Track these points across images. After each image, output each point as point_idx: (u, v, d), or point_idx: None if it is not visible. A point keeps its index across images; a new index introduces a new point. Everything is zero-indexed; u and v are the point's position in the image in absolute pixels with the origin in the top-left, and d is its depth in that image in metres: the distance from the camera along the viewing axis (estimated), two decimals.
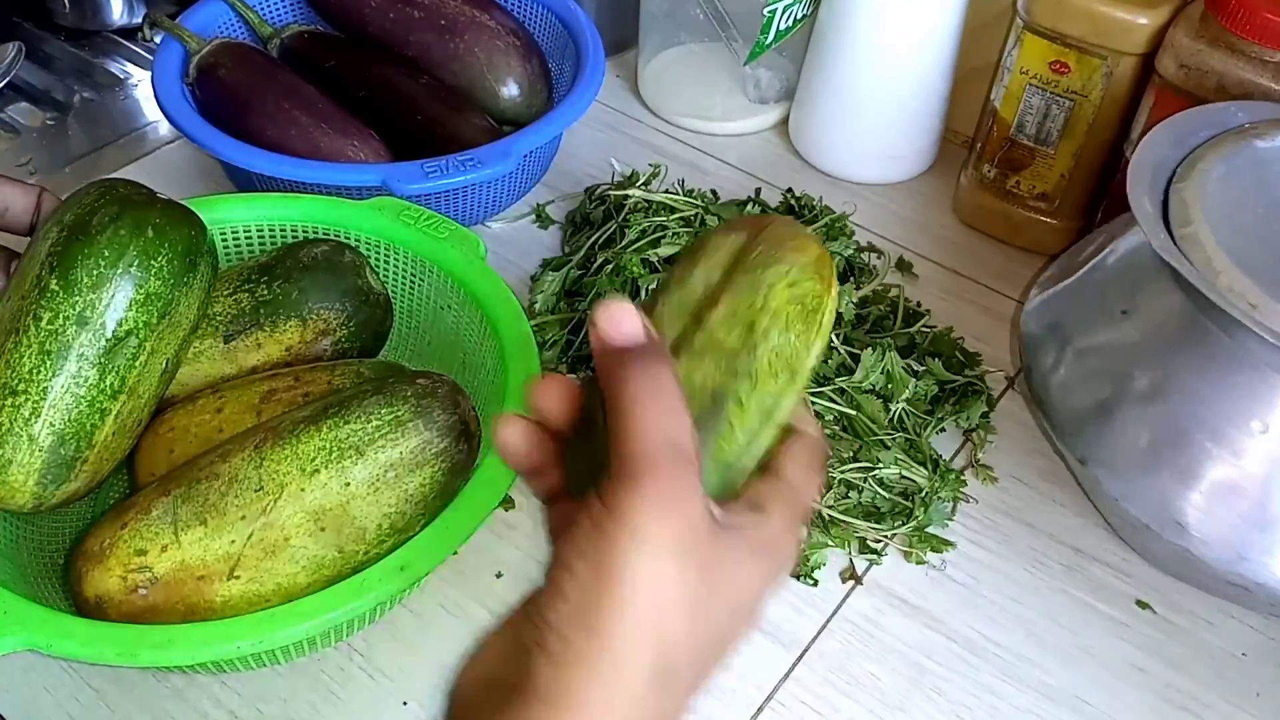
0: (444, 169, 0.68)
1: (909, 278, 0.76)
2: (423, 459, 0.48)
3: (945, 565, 0.60)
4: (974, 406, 0.65)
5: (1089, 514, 0.63)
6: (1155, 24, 0.66)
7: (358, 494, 0.47)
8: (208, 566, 0.47)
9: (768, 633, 0.57)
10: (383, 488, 0.47)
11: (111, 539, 0.48)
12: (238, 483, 0.47)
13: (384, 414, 0.48)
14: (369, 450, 0.47)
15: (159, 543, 0.48)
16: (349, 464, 0.47)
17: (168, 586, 0.47)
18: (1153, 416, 0.53)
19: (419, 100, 0.76)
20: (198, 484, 0.48)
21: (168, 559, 0.47)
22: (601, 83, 0.77)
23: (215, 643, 0.44)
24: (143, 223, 0.50)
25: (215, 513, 0.47)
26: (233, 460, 0.49)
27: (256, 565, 0.47)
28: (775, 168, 0.85)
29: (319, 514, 0.47)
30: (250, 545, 0.47)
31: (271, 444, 0.48)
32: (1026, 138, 0.74)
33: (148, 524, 0.48)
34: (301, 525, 0.47)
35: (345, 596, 0.46)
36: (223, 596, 0.47)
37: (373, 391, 0.49)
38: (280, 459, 0.48)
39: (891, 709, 0.54)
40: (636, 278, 0.68)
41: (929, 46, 0.77)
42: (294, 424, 0.49)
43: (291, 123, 0.72)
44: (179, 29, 0.76)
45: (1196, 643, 0.57)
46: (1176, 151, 0.57)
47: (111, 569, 0.48)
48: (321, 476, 0.47)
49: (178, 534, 0.47)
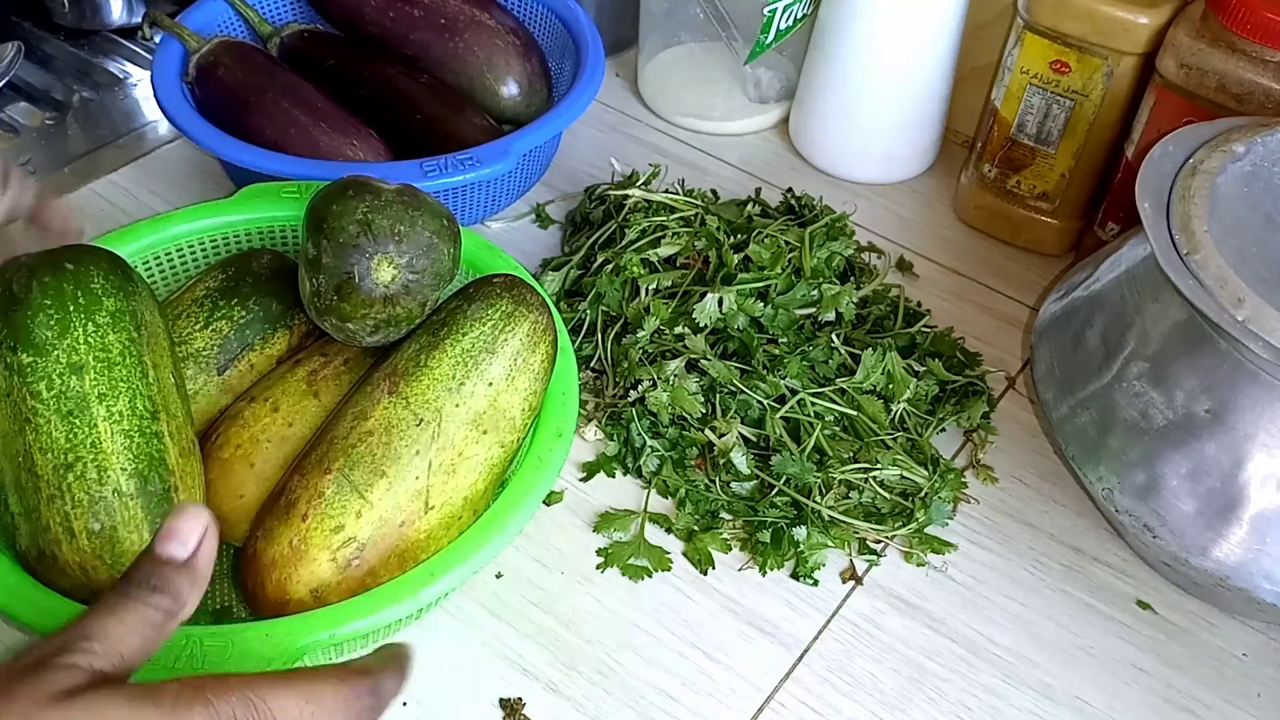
0: (443, 168, 0.68)
1: (909, 278, 0.76)
2: (536, 337, 0.53)
3: (946, 566, 0.60)
4: (975, 407, 0.65)
5: (1089, 514, 0.62)
6: (1156, 24, 0.65)
7: (500, 389, 0.52)
8: (404, 509, 0.50)
9: (768, 633, 0.57)
10: (516, 375, 0.53)
11: (300, 535, 0.49)
12: (395, 427, 0.50)
13: (493, 313, 0.53)
14: (498, 347, 0.52)
15: (351, 511, 0.49)
16: (486, 365, 0.52)
17: (376, 546, 0.49)
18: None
19: (418, 99, 0.76)
20: (354, 449, 0.50)
21: (367, 521, 0.49)
22: (601, 82, 0.76)
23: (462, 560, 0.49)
24: (56, 262, 0.49)
25: (390, 460, 0.50)
26: (375, 414, 0.51)
27: (444, 489, 0.51)
28: (775, 168, 0.85)
29: (478, 419, 0.51)
30: (434, 474, 0.50)
31: (405, 382, 0.52)
32: (1027, 137, 0.74)
33: (328, 503, 0.49)
34: (468, 436, 0.51)
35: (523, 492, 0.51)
36: (425, 531, 0.50)
37: (466, 302, 0.53)
38: (423, 389, 0.51)
39: (891, 709, 0.54)
40: (636, 278, 0.68)
41: (929, 46, 0.77)
42: (412, 359, 0.52)
43: (291, 122, 0.72)
44: (179, 27, 0.76)
45: (1197, 643, 0.57)
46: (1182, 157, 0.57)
47: (316, 558, 0.49)
48: (469, 386, 0.51)
49: (364, 496, 0.49)
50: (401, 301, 0.52)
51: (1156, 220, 0.54)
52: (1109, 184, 0.73)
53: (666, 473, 0.62)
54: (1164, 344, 0.54)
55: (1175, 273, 0.51)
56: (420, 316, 0.54)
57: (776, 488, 0.60)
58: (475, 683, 0.54)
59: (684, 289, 0.68)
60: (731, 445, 0.61)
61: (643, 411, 0.63)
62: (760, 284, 0.67)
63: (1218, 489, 0.52)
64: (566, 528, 0.61)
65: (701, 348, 0.64)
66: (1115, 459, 0.55)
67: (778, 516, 0.59)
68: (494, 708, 0.53)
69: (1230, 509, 0.52)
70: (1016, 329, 0.73)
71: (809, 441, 0.61)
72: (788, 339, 0.66)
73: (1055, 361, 0.60)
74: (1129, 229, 0.65)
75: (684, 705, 0.54)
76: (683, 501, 0.61)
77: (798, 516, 0.59)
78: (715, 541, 0.60)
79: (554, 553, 0.60)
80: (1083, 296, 0.61)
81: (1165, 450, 0.53)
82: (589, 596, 0.58)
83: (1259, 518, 0.51)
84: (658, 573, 0.59)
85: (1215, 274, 0.51)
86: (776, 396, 0.63)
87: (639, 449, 0.63)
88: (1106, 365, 0.57)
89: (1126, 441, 0.55)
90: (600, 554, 0.59)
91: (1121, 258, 0.60)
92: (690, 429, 0.62)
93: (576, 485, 0.63)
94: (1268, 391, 0.51)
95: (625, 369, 0.64)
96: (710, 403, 0.63)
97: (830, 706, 0.54)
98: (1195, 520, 0.53)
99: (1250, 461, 0.51)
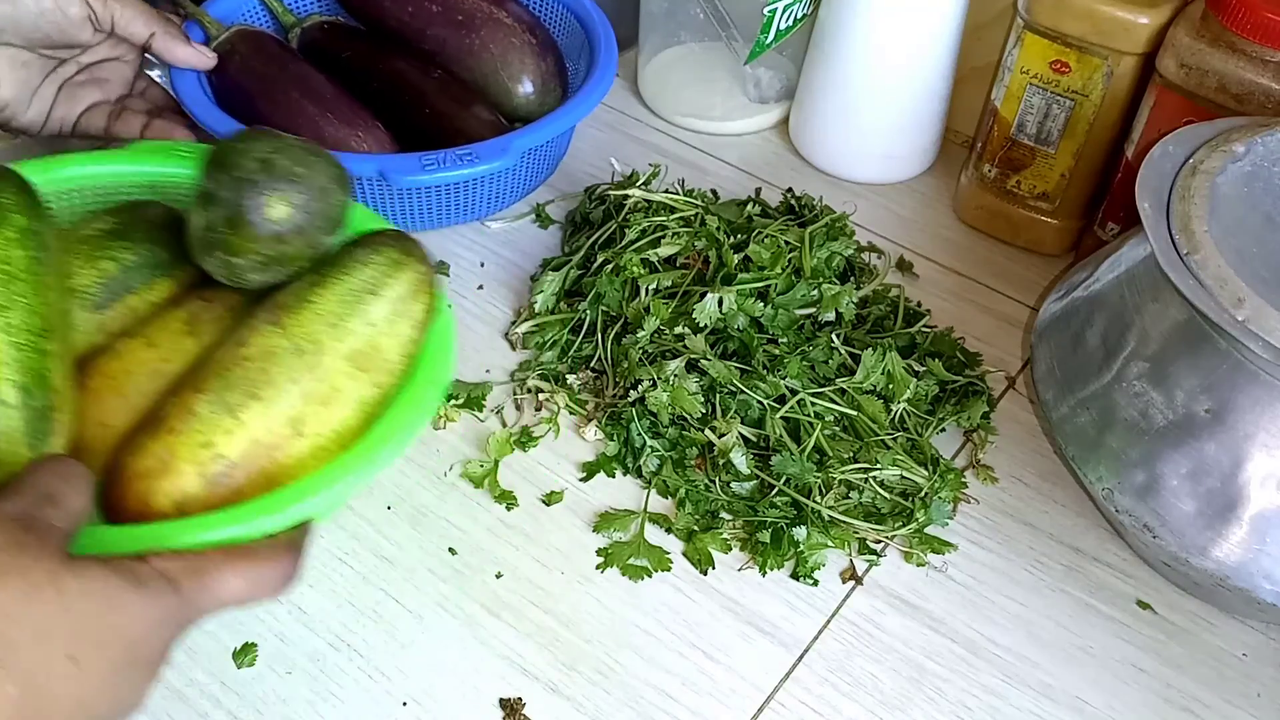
0: (441, 162, 0.68)
1: (909, 278, 0.76)
2: (418, 287, 0.54)
3: (946, 566, 0.60)
4: (975, 407, 0.65)
5: (1089, 514, 0.62)
6: (1156, 23, 0.65)
7: (381, 330, 0.53)
8: (275, 433, 0.50)
9: (768, 633, 0.57)
10: (397, 320, 0.53)
11: (168, 447, 0.49)
12: (273, 355, 0.51)
13: (380, 259, 0.54)
14: (382, 290, 0.53)
15: (222, 428, 0.50)
16: (368, 306, 0.53)
17: (245, 466, 0.50)
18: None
19: (428, 94, 0.76)
20: (230, 372, 0.51)
21: (238, 440, 0.50)
22: (610, 86, 0.76)
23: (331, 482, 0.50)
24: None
25: (265, 385, 0.51)
26: (254, 342, 0.52)
27: (317, 419, 0.51)
28: (775, 168, 0.85)
29: (355, 357, 0.52)
30: (308, 403, 0.51)
31: (287, 314, 0.53)
32: (1027, 137, 0.74)
33: (199, 420, 0.50)
34: (345, 371, 0.52)
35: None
36: (295, 457, 0.51)
37: (355, 247, 0.55)
38: (304, 321, 0.52)
39: (891, 709, 0.54)
40: (636, 278, 0.68)
41: (929, 46, 0.77)
42: (295, 294, 0.54)
43: (299, 112, 0.72)
44: (200, 13, 0.78)
45: (1197, 643, 0.57)
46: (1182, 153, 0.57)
47: (183, 471, 0.49)
48: (350, 324, 0.52)
49: (237, 415, 0.50)
50: (291, 241, 0.53)
51: (1156, 220, 0.54)
52: (1109, 184, 0.73)
53: (666, 473, 0.62)
54: (1164, 344, 0.54)
55: (1175, 273, 0.51)
56: (306, 262, 0.55)
57: (776, 488, 0.60)
58: (475, 683, 0.54)
59: (684, 289, 0.68)
60: (731, 445, 0.61)
61: (643, 411, 0.63)
62: (760, 284, 0.67)
63: (1218, 489, 0.52)
64: (566, 528, 0.61)
65: (701, 348, 0.64)
66: (1115, 459, 0.55)
67: (778, 516, 0.59)
68: (494, 708, 0.53)
69: (1230, 509, 0.52)
70: (1016, 329, 0.73)
71: (809, 441, 0.61)
72: (788, 339, 0.66)
73: (1055, 361, 0.60)
74: (1129, 229, 0.65)
75: (684, 705, 0.54)
76: (683, 501, 0.61)
77: (798, 516, 0.59)
78: (715, 541, 0.60)
79: (554, 553, 0.60)
80: (1083, 296, 0.61)
81: (1165, 450, 0.53)
82: (589, 596, 0.58)
83: (1259, 518, 0.51)
84: (658, 573, 0.59)
85: (1215, 274, 0.51)
86: (776, 396, 0.63)
87: (639, 449, 0.63)
88: (1106, 365, 0.57)
89: (1126, 441, 0.55)
90: (600, 554, 0.59)
91: (1121, 258, 0.60)
92: (690, 429, 0.62)
93: (576, 485, 0.63)
94: (1268, 391, 0.51)
95: (625, 369, 0.64)
96: (710, 403, 0.63)
97: (830, 706, 0.54)
98: (1195, 520, 0.53)
99: (1250, 461, 0.51)
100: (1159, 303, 0.55)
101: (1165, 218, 0.54)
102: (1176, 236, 0.53)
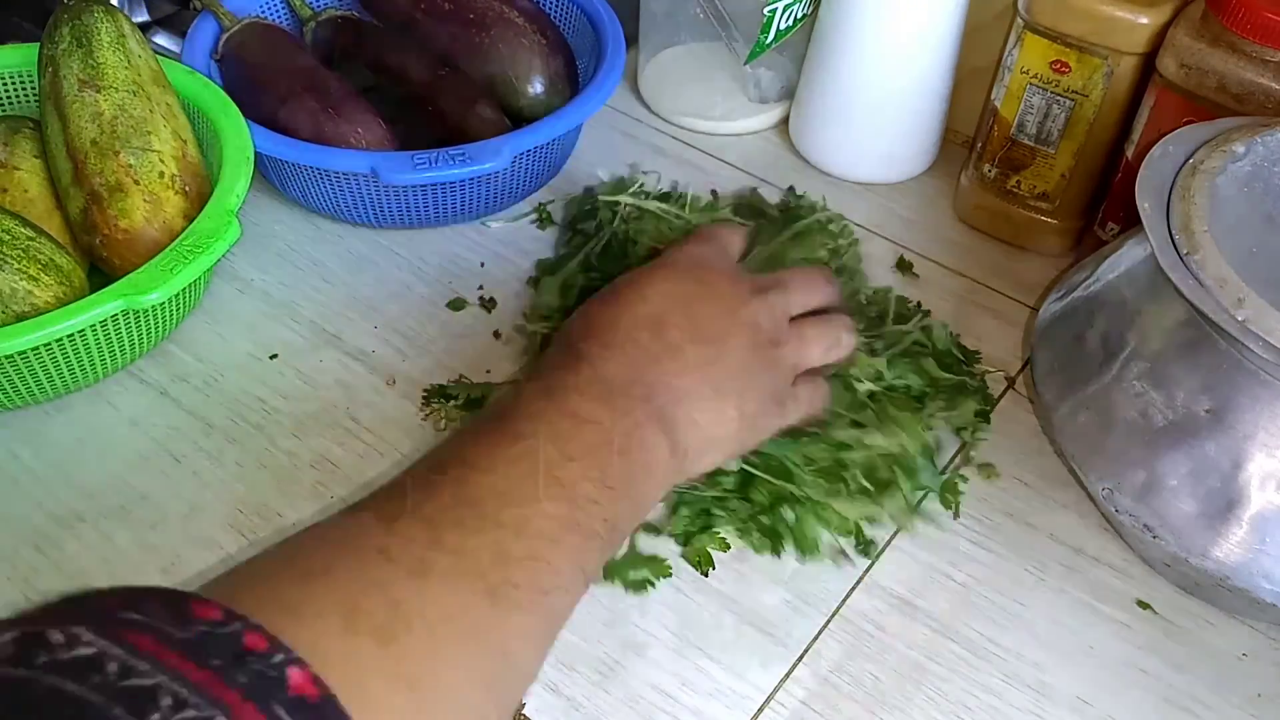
0: (433, 162, 0.68)
1: (909, 278, 0.76)
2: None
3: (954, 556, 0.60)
4: (965, 405, 0.64)
5: (1089, 514, 0.62)
6: (1156, 23, 0.65)
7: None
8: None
9: (768, 633, 0.57)
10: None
11: (147, 193, 0.63)
12: (123, 107, 0.63)
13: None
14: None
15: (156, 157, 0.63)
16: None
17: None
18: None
19: (434, 92, 0.76)
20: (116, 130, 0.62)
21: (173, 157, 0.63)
22: (614, 89, 0.76)
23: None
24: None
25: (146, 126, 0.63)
26: (101, 106, 0.62)
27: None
28: (775, 168, 0.85)
29: (157, 78, 0.67)
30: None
31: (99, 78, 0.64)
32: (1027, 137, 0.74)
33: (141, 160, 0.63)
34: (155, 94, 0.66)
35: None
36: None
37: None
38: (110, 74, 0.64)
39: (891, 709, 0.54)
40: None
41: (929, 46, 0.77)
42: (84, 71, 0.64)
43: (301, 106, 0.73)
44: (216, 5, 0.78)
45: (1197, 643, 0.57)
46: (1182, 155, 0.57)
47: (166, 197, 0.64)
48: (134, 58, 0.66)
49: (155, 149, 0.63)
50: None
51: (1156, 220, 0.54)
52: (1109, 184, 0.73)
53: None
54: (1164, 344, 0.54)
55: (1175, 273, 0.51)
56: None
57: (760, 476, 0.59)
58: None
59: None
60: None
61: None
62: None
63: (1218, 489, 0.52)
64: None
65: None
66: (1115, 459, 0.55)
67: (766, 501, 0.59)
68: None
69: (1230, 509, 0.52)
70: (1016, 329, 0.73)
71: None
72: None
73: (1055, 361, 0.60)
74: (1129, 229, 0.65)
75: (684, 705, 0.54)
76: (676, 506, 0.60)
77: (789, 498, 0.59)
78: (713, 541, 0.59)
79: None
80: (1083, 296, 0.61)
81: (1165, 450, 0.53)
82: (589, 596, 0.58)
83: (1259, 518, 0.51)
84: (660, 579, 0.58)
85: (1215, 274, 0.51)
86: None
87: None
88: (1106, 365, 0.57)
89: (1126, 441, 0.55)
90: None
91: (1121, 258, 0.60)
92: None
93: None
94: (1268, 391, 0.51)
95: None
96: None
97: (830, 706, 0.54)
98: (1195, 520, 0.53)
99: (1250, 461, 0.51)
100: (1159, 303, 0.55)
101: (1165, 218, 0.54)
102: (1176, 236, 0.53)
